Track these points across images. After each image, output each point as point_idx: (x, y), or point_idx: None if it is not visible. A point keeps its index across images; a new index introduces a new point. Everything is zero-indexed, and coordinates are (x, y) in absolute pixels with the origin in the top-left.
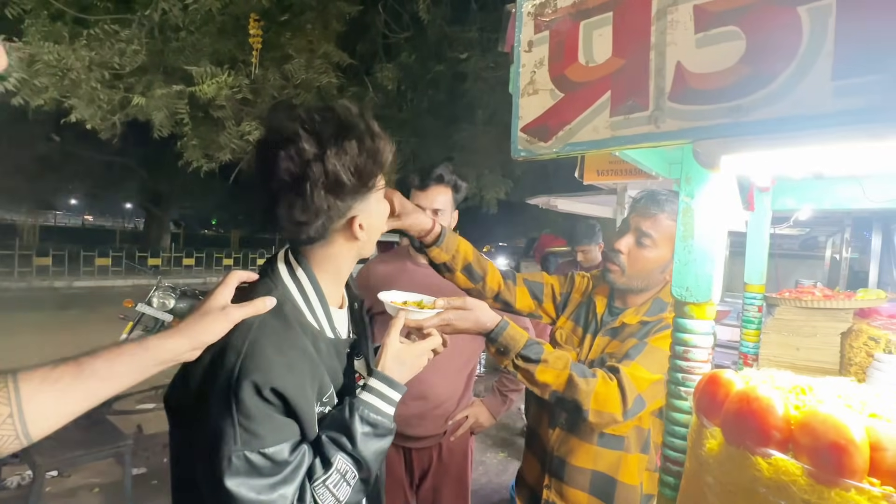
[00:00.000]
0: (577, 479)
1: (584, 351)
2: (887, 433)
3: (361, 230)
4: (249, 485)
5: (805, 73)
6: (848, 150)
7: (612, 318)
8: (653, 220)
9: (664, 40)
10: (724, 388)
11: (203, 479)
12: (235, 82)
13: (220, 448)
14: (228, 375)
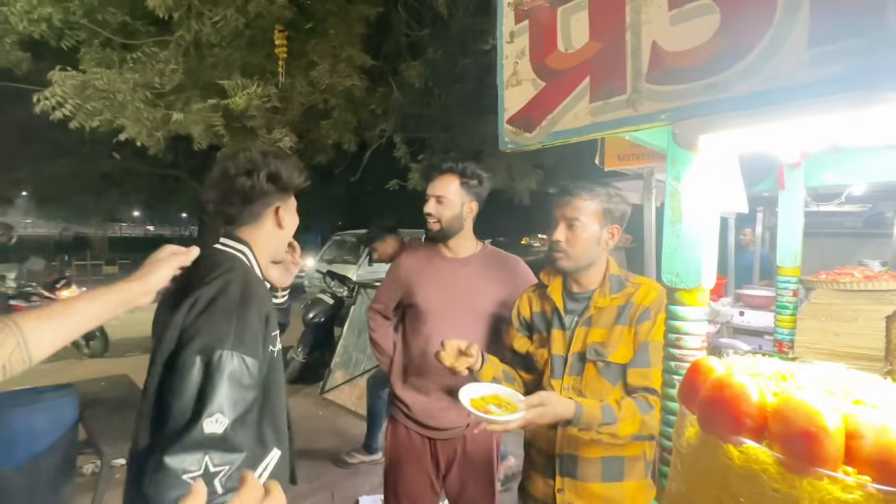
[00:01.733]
0: (588, 471)
1: (560, 346)
2: (866, 421)
3: (284, 216)
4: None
5: (781, 43)
6: (830, 121)
7: (578, 305)
8: (572, 205)
9: (639, 20)
10: (703, 376)
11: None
12: (264, 92)
13: (217, 343)
14: (233, 302)
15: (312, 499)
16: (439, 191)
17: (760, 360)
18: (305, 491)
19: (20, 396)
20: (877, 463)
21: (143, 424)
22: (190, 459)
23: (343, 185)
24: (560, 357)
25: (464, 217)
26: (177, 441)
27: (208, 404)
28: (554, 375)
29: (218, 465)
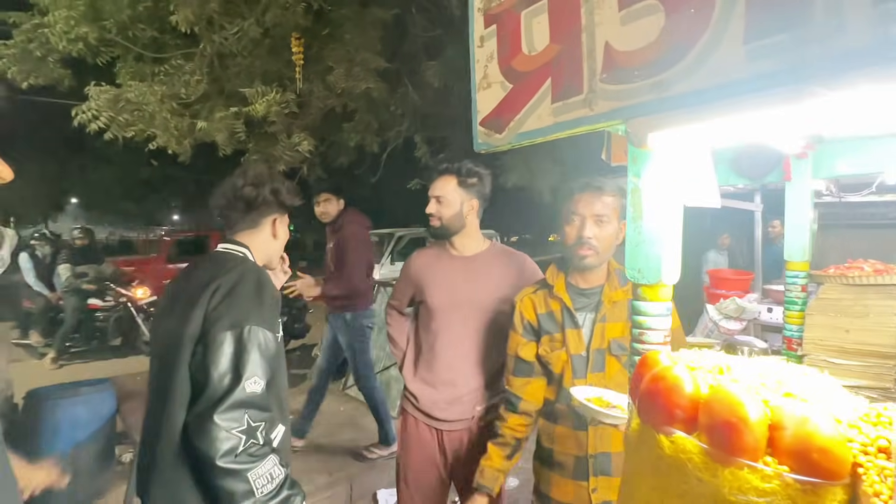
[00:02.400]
0: (621, 465)
1: (577, 345)
2: (789, 412)
3: (278, 229)
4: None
5: (719, 39)
6: (764, 117)
7: (588, 301)
8: (601, 201)
9: (593, 21)
10: (648, 369)
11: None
12: (283, 98)
13: (243, 320)
14: (252, 287)
15: (331, 491)
16: (438, 191)
17: (707, 354)
18: (325, 483)
19: (63, 390)
20: (795, 453)
21: (170, 404)
22: (235, 416)
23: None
24: (580, 356)
25: (464, 215)
26: (223, 402)
27: (246, 369)
28: (576, 375)
29: (256, 420)
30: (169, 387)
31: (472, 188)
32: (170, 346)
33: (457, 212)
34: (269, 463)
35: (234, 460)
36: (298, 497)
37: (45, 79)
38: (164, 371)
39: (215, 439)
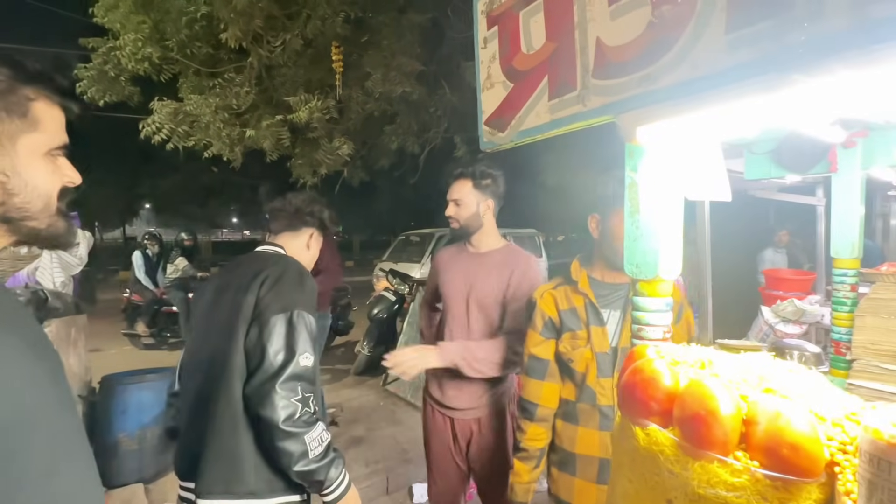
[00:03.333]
0: None
1: (602, 342)
2: (763, 407)
3: (312, 243)
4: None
5: (702, 31)
6: (746, 107)
7: (611, 298)
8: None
9: (585, 18)
10: (632, 363)
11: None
12: (324, 105)
13: (292, 305)
14: (295, 277)
15: (369, 481)
16: (456, 195)
17: (693, 349)
18: (363, 474)
19: (131, 376)
20: (766, 448)
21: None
22: (292, 386)
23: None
24: (605, 354)
25: (481, 214)
26: (281, 374)
27: (298, 346)
28: (602, 374)
29: (307, 392)
30: (226, 364)
31: (486, 189)
32: (224, 329)
33: (474, 212)
34: (319, 428)
35: (293, 424)
36: (340, 460)
37: (118, 96)
38: (220, 350)
39: (278, 406)
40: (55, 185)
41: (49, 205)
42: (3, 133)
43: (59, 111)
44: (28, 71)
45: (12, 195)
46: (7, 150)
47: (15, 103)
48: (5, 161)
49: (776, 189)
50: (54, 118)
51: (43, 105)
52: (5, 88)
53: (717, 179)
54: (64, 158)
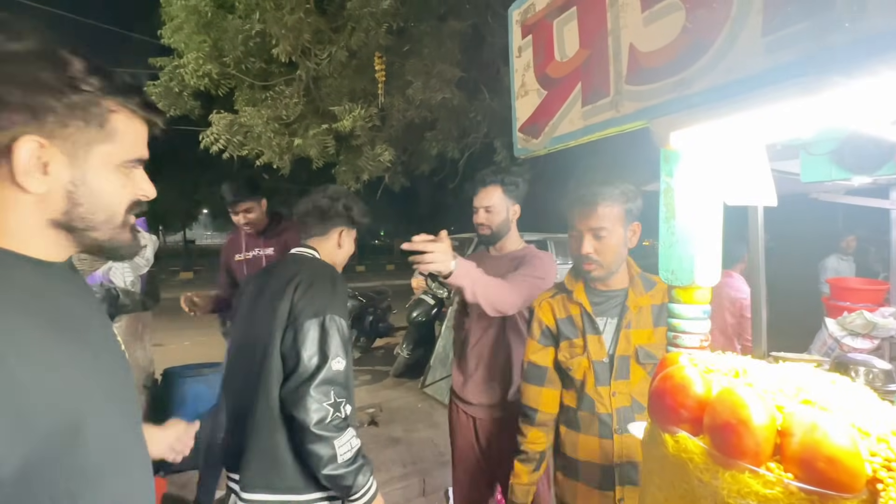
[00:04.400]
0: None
1: (599, 351)
2: (799, 418)
3: (343, 240)
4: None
5: (737, 34)
6: (782, 111)
7: (607, 305)
8: (595, 215)
9: (618, 24)
10: (663, 369)
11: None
12: (367, 113)
13: (324, 310)
14: (327, 282)
15: (405, 482)
16: (486, 202)
17: (729, 357)
18: (399, 475)
19: (189, 369)
20: (801, 461)
21: (266, 381)
22: (324, 390)
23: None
24: (602, 362)
25: (510, 220)
26: (315, 378)
27: (331, 350)
28: (599, 382)
29: (339, 396)
30: (265, 367)
31: (513, 194)
32: (262, 333)
33: (504, 218)
34: (349, 434)
35: (324, 427)
36: (368, 467)
37: (182, 110)
38: (259, 354)
39: (310, 409)
40: (124, 198)
41: (113, 217)
42: (78, 142)
43: (140, 124)
44: (115, 83)
45: (77, 205)
46: (80, 159)
47: (95, 114)
48: (76, 171)
49: (843, 192)
50: (134, 131)
51: (123, 117)
52: (88, 99)
53: (762, 183)
54: (140, 171)
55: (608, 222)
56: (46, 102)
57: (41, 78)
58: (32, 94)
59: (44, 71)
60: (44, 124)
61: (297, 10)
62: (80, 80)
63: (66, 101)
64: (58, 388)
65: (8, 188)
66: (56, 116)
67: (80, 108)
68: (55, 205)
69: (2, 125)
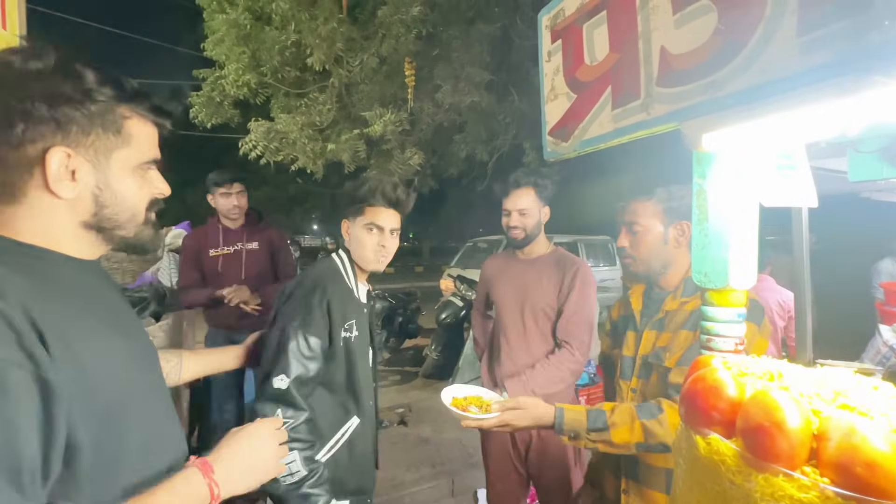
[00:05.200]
0: (651, 478)
1: (630, 347)
2: (836, 423)
3: (350, 232)
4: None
5: (772, 34)
6: (817, 112)
7: (654, 309)
8: (630, 209)
9: (649, 27)
10: (695, 371)
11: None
12: (397, 118)
13: (286, 325)
14: (304, 293)
15: (434, 482)
16: (521, 204)
17: (763, 361)
18: (429, 474)
19: None
20: (838, 466)
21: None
22: (269, 408)
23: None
24: (629, 358)
25: (542, 222)
26: (261, 394)
27: (276, 367)
28: (623, 376)
29: (286, 416)
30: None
31: (545, 196)
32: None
33: (537, 221)
34: (289, 458)
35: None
36: (323, 499)
37: (222, 118)
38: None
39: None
40: (143, 198)
41: (136, 215)
42: (99, 149)
43: (151, 128)
44: (126, 90)
45: (104, 207)
46: (102, 165)
47: (111, 121)
48: (100, 175)
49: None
50: (147, 135)
51: (136, 122)
52: (104, 108)
53: (801, 183)
54: (155, 171)
55: (642, 218)
56: (69, 114)
57: (63, 92)
58: (56, 107)
59: (64, 85)
60: (68, 134)
61: (330, 19)
62: (95, 90)
63: (86, 112)
64: (109, 372)
65: (43, 195)
66: (78, 126)
67: (99, 117)
68: (85, 208)
69: (32, 137)
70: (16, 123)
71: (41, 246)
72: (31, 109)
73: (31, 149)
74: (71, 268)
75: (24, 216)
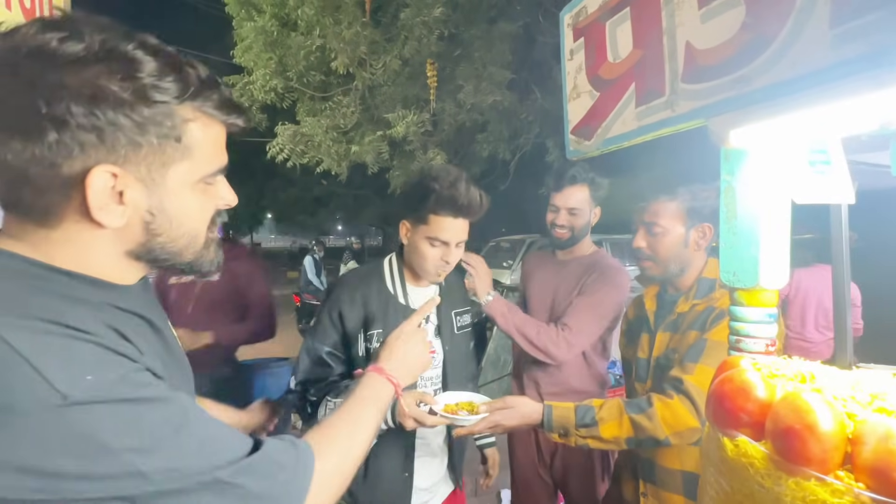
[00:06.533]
0: (668, 481)
1: (644, 349)
2: (872, 427)
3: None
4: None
5: (802, 27)
6: (852, 106)
7: (667, 311)
8: (651, 210)
9: (674, 23)
10: (723, 372)
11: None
12: (419, 119)
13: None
14: (325, 297)
15: None
16: (572, 202)
17: (795, 363)
18: None
19: (258, 364)
20: (874, 470)
21: None
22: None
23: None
24: (644, 360)
25: (590, 223)
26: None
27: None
28: (638, 378)
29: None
30: None
31: (598, 196)
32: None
33: (586, 222)
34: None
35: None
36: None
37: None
38: None
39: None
40: (206, 217)
41: (196, 240)
42: (153, 164)
43: (219, 128)
44: (189, 82)
45: (156, 236)
46: (156, 183)
47: (170, 127)
48: (153, 198)
49: None
50: (213, 139)
51: (201, 125)
52: (162, 111)
53: (836, 179)
54: (222, 178)
55: (663, 219)
56: (116, 121)
57: (107, 90)
58: (97, 111)
59: (110, 80)
60: (114, 148)
61: (353, 24)
62: (150, 87)
63: (137, 118)
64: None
65: (82, 222)
66: (126, 137)
67: (154, 124)
68: (133, 236)
69: (68, 150)
70: (46, 132)
71: (77, 272)
72: (66, 114)
73: (67, 167)
74: (122, 293)
75: (59, 241)
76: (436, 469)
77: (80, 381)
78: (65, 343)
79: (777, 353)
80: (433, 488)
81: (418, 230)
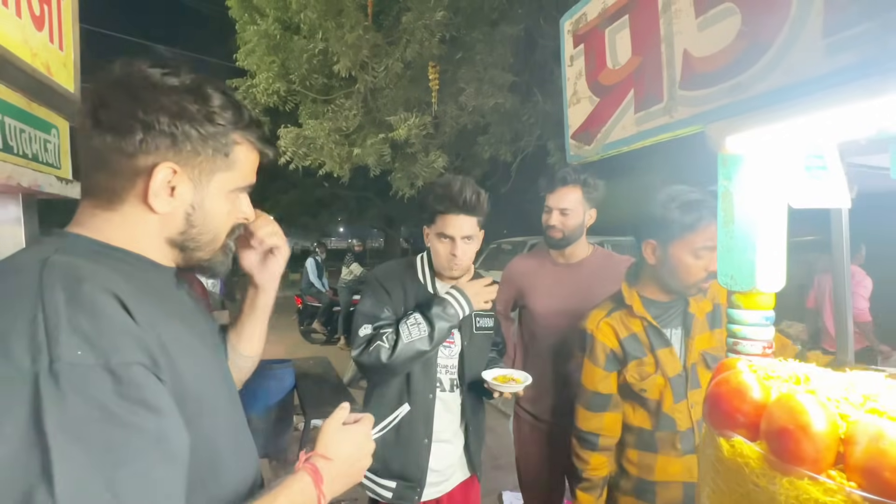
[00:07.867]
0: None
1: (673, 365)
2: (864, 427)
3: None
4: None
5: (796, 36)
6: (845, 113)
7: (668, 315)
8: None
9: (672, 31)
10: (719, 374)
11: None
12: (421, 122)
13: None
14: (366, 282)
15: None
16: (564, 203)
17: (790, 365)
18: None
19: (260, 365)
20: (865, 470)
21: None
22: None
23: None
24: (679, 376)
25: (584, 225)
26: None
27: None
28: (677, 398)
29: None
30: None
31: (592, 198)
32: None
33: (579, 223)
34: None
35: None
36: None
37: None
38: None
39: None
40: (229, 222)
41: (216, 239)
42: (204, 170)
43: (255, 155)
44: (243, 117)
45: (192, 226)
46: (202, 185)
47: (223, 144)
48: (197, 195)
49: None
50: (251, 161)
51: (245, 149)
52: (221, 131)
53: (832, 184)
54: (245, 195)
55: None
56: (187, 132)
57: (187, 110)
58: (177, 123)
59: (190, 104)
60: (181, 151)
61: (356, 27)
62: (216, 113)
63: (203, 132)
64: (193, 371)
65: (138, 205)
66: (192, 145)
67: (213, 139)
68: (174, 225)
69: (147, 149)
70: (136, 132)
71: (130, 250)
72: (154, 122)
73: (143, 160)
74: (158, 273)
75: (116, 223)
76: (449, 453)
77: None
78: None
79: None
80: (446, 471)
81: (431, 230)
